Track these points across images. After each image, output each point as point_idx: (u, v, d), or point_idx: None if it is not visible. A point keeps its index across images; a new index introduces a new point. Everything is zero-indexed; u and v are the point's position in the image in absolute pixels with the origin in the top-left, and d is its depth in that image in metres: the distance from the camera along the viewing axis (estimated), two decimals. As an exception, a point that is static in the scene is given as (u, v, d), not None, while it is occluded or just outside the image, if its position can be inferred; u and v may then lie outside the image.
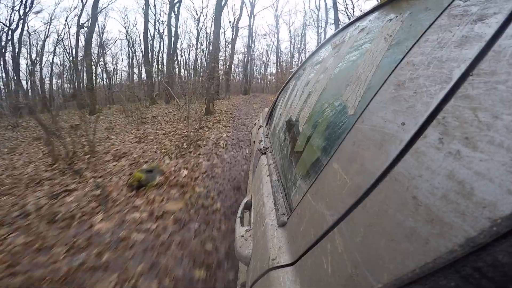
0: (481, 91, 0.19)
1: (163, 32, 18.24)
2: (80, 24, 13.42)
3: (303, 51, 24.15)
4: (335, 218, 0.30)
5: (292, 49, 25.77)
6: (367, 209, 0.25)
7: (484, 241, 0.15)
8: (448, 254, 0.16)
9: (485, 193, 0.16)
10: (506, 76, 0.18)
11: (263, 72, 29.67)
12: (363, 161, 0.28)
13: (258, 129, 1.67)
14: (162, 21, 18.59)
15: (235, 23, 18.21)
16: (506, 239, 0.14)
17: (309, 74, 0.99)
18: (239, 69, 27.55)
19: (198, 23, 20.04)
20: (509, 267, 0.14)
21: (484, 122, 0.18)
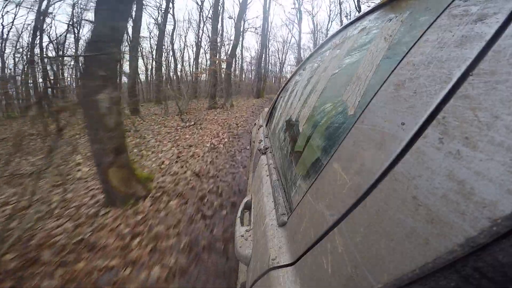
0: (481, 91, 0.19)
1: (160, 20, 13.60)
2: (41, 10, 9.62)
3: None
4: (335, 218, 0.30)
5: (314, 44, 21.74)
6: (367, 209, 0.25)
7: (484, 241, 0.15)
8: (448, 254, 0.16)
9: (485, 193, 0.16)
10: (506, 76, 0.18)
11: (277, 70, 26.65)
12: (363, 161, 0.28)
13: (258, 129, 1.67)
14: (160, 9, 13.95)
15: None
16: (506, 239, 0.14)
17: (309, 74, 0.99)
18: (251, 67, 24.93)
19: (201, 10, 15.67)
20: (509, 267, 0.14)
21: (484, 122, 0.18)
